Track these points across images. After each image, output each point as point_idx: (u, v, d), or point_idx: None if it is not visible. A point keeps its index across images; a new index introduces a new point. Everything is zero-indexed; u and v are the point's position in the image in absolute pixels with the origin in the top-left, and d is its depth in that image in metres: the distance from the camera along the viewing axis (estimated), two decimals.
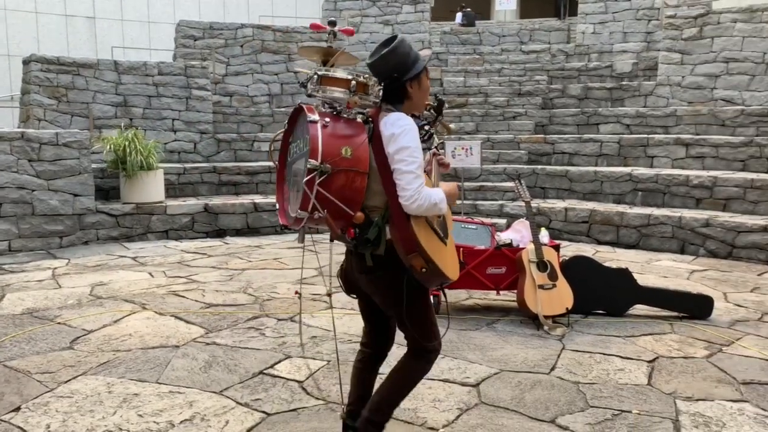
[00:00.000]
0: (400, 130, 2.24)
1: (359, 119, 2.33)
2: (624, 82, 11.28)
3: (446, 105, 2.76)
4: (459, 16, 16.96)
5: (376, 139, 2.28)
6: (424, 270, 2.24)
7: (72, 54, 14.16)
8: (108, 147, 8.04)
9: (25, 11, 15.09)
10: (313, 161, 2.11)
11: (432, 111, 2.69)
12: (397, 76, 2.30)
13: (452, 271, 2.38)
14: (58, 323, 4.46)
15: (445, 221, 2.48)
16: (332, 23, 2.54)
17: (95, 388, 3.34)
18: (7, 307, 4.85)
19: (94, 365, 3.66)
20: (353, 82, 2.26)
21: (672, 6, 11.24)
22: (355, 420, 2.54)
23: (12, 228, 7.09)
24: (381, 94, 2.34)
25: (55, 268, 6.28)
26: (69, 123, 9.04)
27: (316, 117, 2.21)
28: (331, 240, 2.43)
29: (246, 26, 11.93)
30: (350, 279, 2.55)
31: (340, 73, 2.30)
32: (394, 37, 2.37)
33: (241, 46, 11.80)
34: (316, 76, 2.30)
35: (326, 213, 2.16)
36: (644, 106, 10.65)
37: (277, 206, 2.46)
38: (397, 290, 2.33)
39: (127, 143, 7.96)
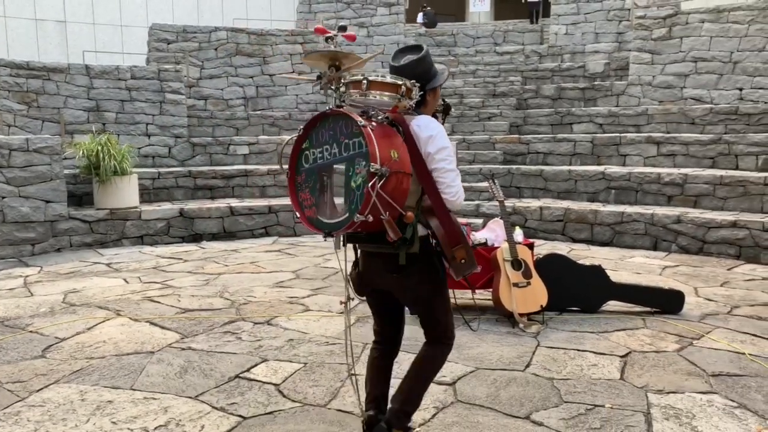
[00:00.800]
0: (436, 131, 2.38)
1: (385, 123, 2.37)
2: (596, 82, 11.45)
3: (452, 109, 2.79)
4: (420, 16, 17.08)
5: (408, 141, 2.34)
6: (463, 261, 2.39)
7: (43, 59, 13.94)
8: (80, 152, 7.93)
9: None
10: (375, 165, 2.13)
11: (439, 114, 2.72)
12: (421, 83, 2.40)
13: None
14: (30, 332, 4.39)
15: None
16: (342, 28, 2.58)
17: (68, 396, 3.30)
18: None
19: (67, 373, 3.61)
20: (403, 87, 2.31)
21: (642, 7, 11.43)
22: (378, 416, 2.60)
23: None
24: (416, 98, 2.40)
25: (27, 276, 6.18)
26: (40, 129, 8.91)
27: (364, 122, 2.22)
28: (343, 245, 2.38)
29: (220, 29, 11.87)
30: (365, 280, 2.55)
31: (390, 78, 2.33)
32: (418, 46, 2.50)
33: (216, 49, 11.74)
34: (365, 81, 2.29)
35: (388, 215, 2.20)
36: (616, 106, 10.82)
37: (297, 215, 2.42)
38: (428, 285, 2.49)
39: (99, 148, 7.86)
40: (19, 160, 7.23)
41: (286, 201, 8.97)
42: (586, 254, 7.20)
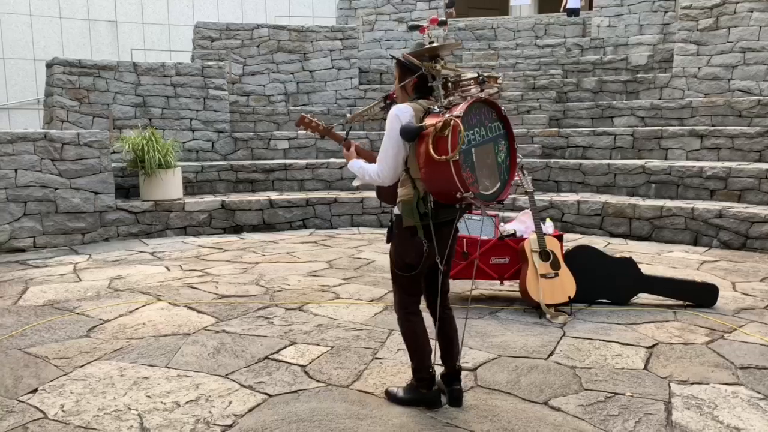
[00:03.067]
0: None
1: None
2: (639, 75, 11.21)
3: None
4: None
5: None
6: None
7: (95, 57, 14.53)
8: (127, 146, 8.28)
9: (49, 16, 15.51)
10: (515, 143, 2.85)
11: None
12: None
13: None
14: (77, 314, 4.66)
15: None
16: (443, 23, 3.13)
17: (108, 372, 3.51)
18: (29, 299, 5.06)
19: (108, 351, 3.83)
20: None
21: None
22: (453, 376, 3.08)
23: (36, 225, 7.35)
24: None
25: (77, 263, 6.51)
26: (91, 124, 9.31)
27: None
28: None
29: (262, 26, 12.12)
30: (440, 251, 2.87)
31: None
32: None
33: (258, 46, 12.00)
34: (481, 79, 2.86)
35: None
36: (659, 99, 10.58)
37: (464, 193, 2.61)
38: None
39: (145, 142, 8.19)
40: (70, 153, 7.61)
41: (323, 194, 9.15)
42: (623, 248, 7.11)
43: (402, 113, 2.79)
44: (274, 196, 8.96)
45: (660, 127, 9.43)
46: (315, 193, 9.27)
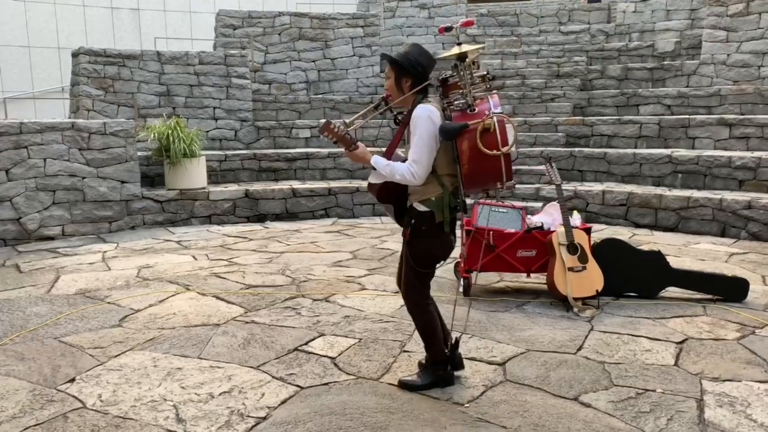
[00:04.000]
0: None
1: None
2: (666, 62, 11.01)
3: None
4: None
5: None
6: None
7: (118, 45, 14.62)
8: (152, 135, 8.35)
9: (73, 5, 15.61)
10: None
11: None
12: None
13: None
14: (108, 303, 4.74)
15: None
16: (449, 29, 3.19)
17: (142, 362, 3.57)
18: (62, 288, 5.16)
19: (141, 341, 3.90)
20: None
21: None
22: (454, 346, 3.28)
23: (65, 214, 7.47)
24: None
25: (105, 252, 6.61)
26: (116, 113, 9.41)
27: None
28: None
29: (284, 14, 12.10)
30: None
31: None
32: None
33: (279, 34, 11.99)
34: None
35: None
36: (687, 86, 10.40)
37: (513, 181, 3.01)
38: None
39: (170, 132, 8.26)
40: (97, 142, 7.70)
41: (346, 183, 9.16)
42: (648, 240, 7.04)
43: (433, 114, 2.90)
44: (296, 185, 9.00)
45: (687, 116, 9.27)
46: (337, 182, 9.29)
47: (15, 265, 6.03)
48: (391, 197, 3.08)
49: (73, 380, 3.33)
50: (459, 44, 2.97)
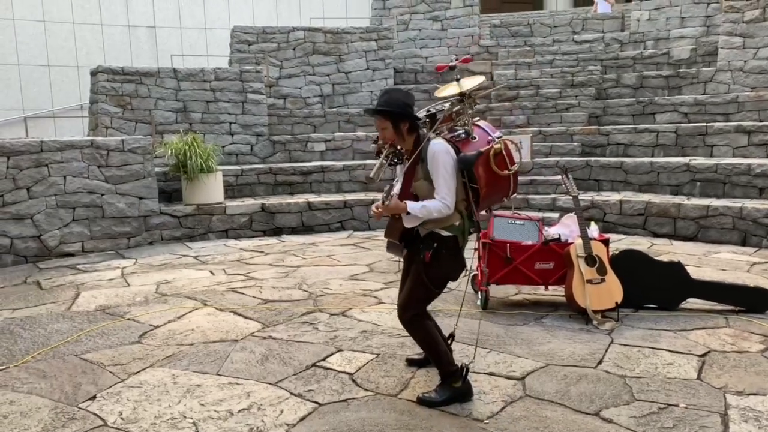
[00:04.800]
0: None
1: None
2: (682, 70, 10.94)
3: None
4: None
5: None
6: None
7: (135, 63, 14.86)
8: (169, 152, 8.44)
9: (91, 24, 15.91)
10: None
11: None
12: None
13: None
14: (128, 319, 4.78)
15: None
16: (453, 68, 3.73)
17: (162, 379, 3.60)
18: (82, 305, 5.22)
19: (161, 358, 3.93)
20: None
21: None
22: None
23: (84, 230, 7.57)
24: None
25: (124, 268, 6.68)
26: (134, 130, 9.53)
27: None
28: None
29: (297, 29, 12.22)
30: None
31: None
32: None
33: (293, 48, 12.10)
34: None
35: None
36: (703, 94, 10.31)
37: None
38: None
39: (187, 147, 8.34)
40: (115, 159, 7.80)
41: (361, 196, 9.19)
42: (667, 249, 6.96)
43: (448, 149, 3.13)
44: (312, 198, 9.04)
45: (704, 123, 9.19)
46: (352, 195, 9.31)
47: (36, 282, 6.11)
48: (398, 233, 3.26)
49: (94, 398, 3.36)
50: (458, 80, 3.26)
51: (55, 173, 7.36)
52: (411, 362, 3.73)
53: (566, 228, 5.00)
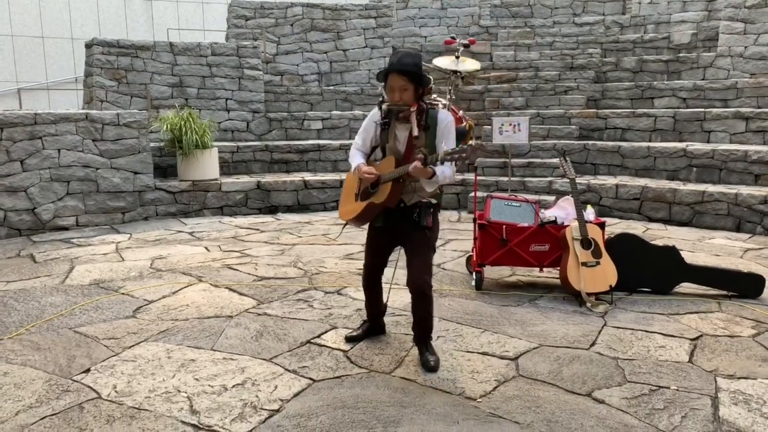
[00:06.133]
0: None
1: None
2: (681, 54, 10.88)
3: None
4: None
5: None
6: None
7: (130, 36, 14.66)
8: (165, 127, 8.38)
9: None
10: None
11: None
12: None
13: (341, 212, 3.59)
14: (122, 294, 4.78)
15: (368, 189, 3.38)
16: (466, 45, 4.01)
17: (156, 353, 3.60)
18: (76, 279, 5.21)
19: (155, 333, 3.93)
20: None
21: None
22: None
23: (79, 204, 7.53)
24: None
25: (119, 242, 6.66)
26: (129, 104, 9.44)
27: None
28: None
29: (296, 5, 12.07)
30: None
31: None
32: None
33: (291, 25, 11.96)
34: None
35: None
36: (703, 79, 10.28)
37: None
38: None
39: (182, 123, 8.28)
40: (110, 133, 7.74)
41: None
42: (662, 234, 6.99)
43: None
44: (308, 176, 9.01)
45: (703, 109, 9.17)
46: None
47: (30, 255, 6.08)
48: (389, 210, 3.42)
49: (88, 371, 3.37)
50: (457, 57, 3.35)
51: (50, 146, 7.29)
52: (351, 339, 3.75)
53: (562, 210, 5.00)
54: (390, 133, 3.35)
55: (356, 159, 3.45)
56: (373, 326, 3.84)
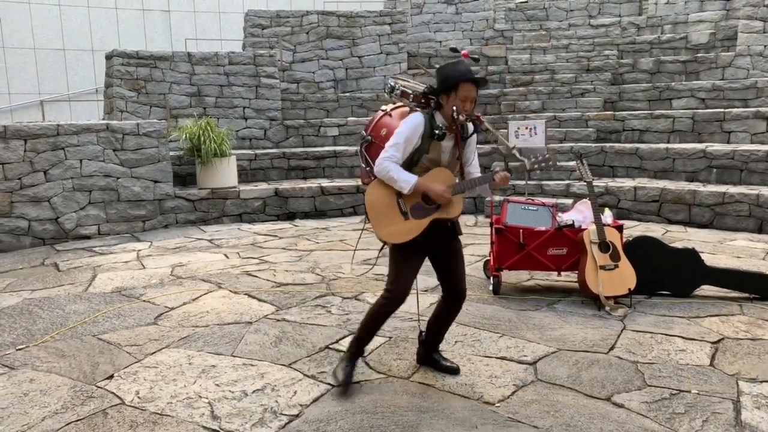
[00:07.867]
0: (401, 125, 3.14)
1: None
2: (700, 54, 10.77)
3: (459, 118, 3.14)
4: None
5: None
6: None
7: (149, 47, 14.89)
8: (184, 136, 8.50)
9: (106, 7, 15.94)
10: (363, 132, 3.41)
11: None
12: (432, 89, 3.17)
13: (386, 234, 3.10)
14: (144, 301, 4.85)
15: (422, 205, 3.12)
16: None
17: (177, 359, 3.65)
18: (98, 286, 5.30)
19: (176, 339, 3.99)
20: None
21: None
22: None
23: (101, 213, 7.65)
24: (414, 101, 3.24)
25: (139, 250, 6.76)
26: (148, 113, 9.59)
27: (385, 108, 3.41)
28: None
29: (311, 13, 12.17)
30: None
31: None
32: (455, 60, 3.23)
33: (307, 32, 12.06)
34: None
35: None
36: (721, 79, 10.16)
37: None
38: None
39: (201, 132, 8.39)
40: (131, 143, 7.86)
41: None
42: (682, 236, 6.92)
43: None
44: (325, 183, 9.07)
45: (722, 109, 9.07)
46: None
47: (54, 264, 6.20)
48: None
49: (111, 377, 3.43)
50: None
51: (72, 156, 7.43)
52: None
53: (580, 214, 4.99)
54: (433, 144, 3.10)
55: (405, 174, 3.04)
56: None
